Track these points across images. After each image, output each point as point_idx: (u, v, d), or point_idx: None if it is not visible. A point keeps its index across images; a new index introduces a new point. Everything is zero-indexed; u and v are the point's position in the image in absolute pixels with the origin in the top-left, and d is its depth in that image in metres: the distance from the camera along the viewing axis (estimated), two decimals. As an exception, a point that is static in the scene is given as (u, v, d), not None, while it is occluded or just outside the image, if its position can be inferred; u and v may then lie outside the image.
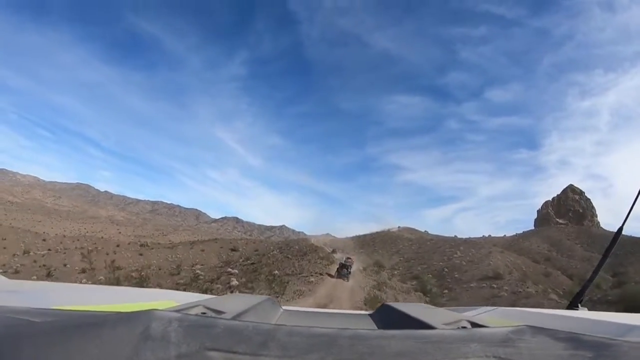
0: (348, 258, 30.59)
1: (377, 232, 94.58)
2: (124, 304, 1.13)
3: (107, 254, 36.57)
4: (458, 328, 0.88)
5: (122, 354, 0.48)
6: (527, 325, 0.65)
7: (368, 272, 35.16)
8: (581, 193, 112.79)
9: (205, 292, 17.03)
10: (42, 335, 0.53)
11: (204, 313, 0.93)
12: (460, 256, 53.51)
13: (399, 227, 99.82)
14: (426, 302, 32.03)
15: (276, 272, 25.37)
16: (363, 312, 1.60)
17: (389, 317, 1.30)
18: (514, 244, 67.08)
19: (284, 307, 1.52)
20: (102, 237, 57.20)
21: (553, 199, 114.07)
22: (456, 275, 41.38)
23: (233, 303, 1.12)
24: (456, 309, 1.65)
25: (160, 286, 18.73)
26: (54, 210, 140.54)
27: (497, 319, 1.29)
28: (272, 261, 29.08)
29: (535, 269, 47.99)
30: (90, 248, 37.90)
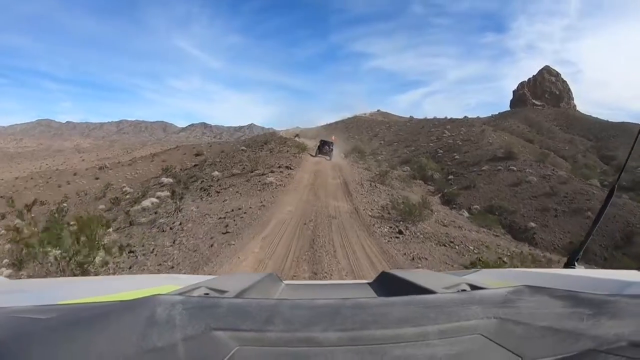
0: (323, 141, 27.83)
1: (348, 118, 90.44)
2: (127, 292, 1.06)
3: (60, 186, 34.81)
4: (458, 291, 0.87)
5: (130, 342, 0.48)
6: (525, 285, 0.67)
7: (351, 159, 30.12)
8: (557, 75, 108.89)
9: (127, 214, 12.69)
10: (49, 331, 0.53)
11: (207, 294, 0.91)
12: (450, 135, 47.78)
13: (371, 112, 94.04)
14: (430, 192, 25.42)
15: (216, 173, 18.73)
16: (364, 281, 1.53)
17: (389, 285, 1.28)
18: (493, 124, 61.66)
19: (285, 282, 1.43)
20: (57, 169, 50.94)
21: (529, 79, 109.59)
22: (456, 157, 35.24)
23: (235, 281, 1.10)
24: (455, 273, 1.66)
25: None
26: (17, 154, 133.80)
27: (496, 280, 1.28)
28: (234, 160, 22.69)
29: (534, 149, 42.73)
30: (41, 183, 36.09)
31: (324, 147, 26.56)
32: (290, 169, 17.88)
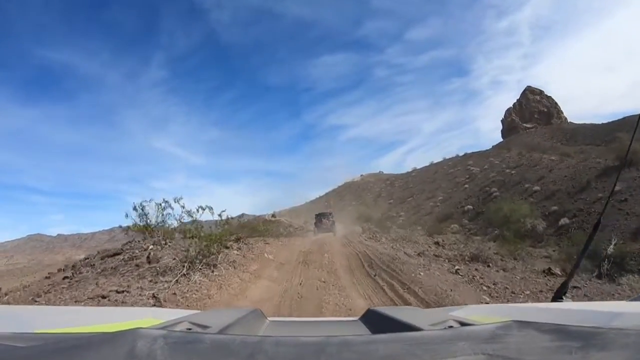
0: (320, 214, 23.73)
1: (339, 187, 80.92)
2: (108, 324, 1.07)
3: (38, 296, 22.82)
4: (445, 328, 0.87)
5: None
6: (513, 321, 0.66)
7: (366, 232, 20.41)
8: (541, 92, 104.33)
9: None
10: None
11: (190, 329, 0.90)
12: (486, 168, 36.68)
13: (361, 175, 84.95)
14: (560, 265, 16.14)
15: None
16: (350, 318, 1.54)
17: (376, 322, 1.25)
18: (495, 155, 51.86)
19: (270, 319, 1.42)
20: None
21: (514, 105, 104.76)
22: (535, 189, 23.15)
23: (218, 317, 1.09)
24: (443, 309, 1.63)
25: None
26: (7, 272, 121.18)
27: (484, 315, 1.25)
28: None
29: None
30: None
31: (322, 221, 21.76)
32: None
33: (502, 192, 26.27)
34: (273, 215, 30.24)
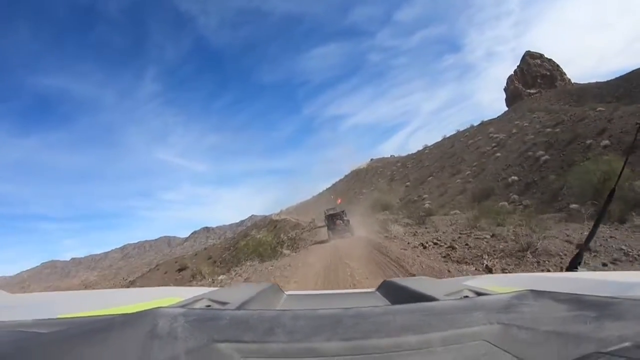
0: (331, 209, 21.42)
1: (346, 176, 77.27)
2: (128, 305, 1.09)
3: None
4: (460, 298, 0.88)
5: (131, 355, 0.48)
6: (528, 290, 0.66)
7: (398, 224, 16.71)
8: (541, 56, 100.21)
9: None
10: (50, 345, 0.53)
11: (209, 306, 0.92)
12: (513, 133, 32.49)
13: (372, 159, 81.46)
14: None
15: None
16: (366, 290, 1.55)
17: (391, 293, 1.27)
18: (520, 118, 47.88)
19: (287, 292, 1.43)
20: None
21: (515, 71, 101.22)
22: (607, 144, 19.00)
23: (237, 293, 1.10)
24: (458, 279, 1.64)
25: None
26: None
27: (499, 285, 1.23)
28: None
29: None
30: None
31: (335, 223, 18.92)
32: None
33: (554, 154, 22.24)
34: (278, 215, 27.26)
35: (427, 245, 10.01)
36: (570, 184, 15.96)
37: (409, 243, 10.98)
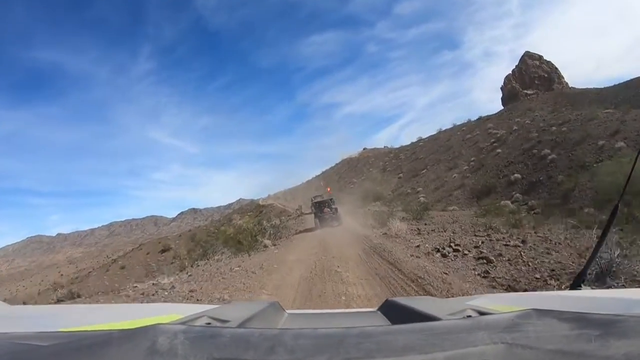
0: (318, 196, 20.63)
1: (337, 164, 75.16)
2: (129, 320, 1.10)
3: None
4: (463, 317, 0.85)
5: None
6: (532, 309, 0.65)
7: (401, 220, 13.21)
8: (540, 57, 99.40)
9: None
10: (50, 358, 0.53)
11: (209, 323, 0.91)
12: (516, 129, 31.28)
13: (364, 148, 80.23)
14: None
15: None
16: (368, 309, 1.53)
17: (394, 312, 1.24)
18: (521, 116, 46.90)
19: (288, 311, 1.42)
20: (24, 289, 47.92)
21: (513, 71, 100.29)
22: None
23: (237, 311, 1.08)
24: (460, 298, 1.61)
25: None
26: (9, 276, 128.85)
27: (502, 304, 1.23)
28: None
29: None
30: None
31: (322, 210, 17.86)
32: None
33: (561, 154, 21.02)
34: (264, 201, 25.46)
35: (445, 251, 8.04)
36: (582, 185, 14.69)
37: (418, 246, 9.09)
